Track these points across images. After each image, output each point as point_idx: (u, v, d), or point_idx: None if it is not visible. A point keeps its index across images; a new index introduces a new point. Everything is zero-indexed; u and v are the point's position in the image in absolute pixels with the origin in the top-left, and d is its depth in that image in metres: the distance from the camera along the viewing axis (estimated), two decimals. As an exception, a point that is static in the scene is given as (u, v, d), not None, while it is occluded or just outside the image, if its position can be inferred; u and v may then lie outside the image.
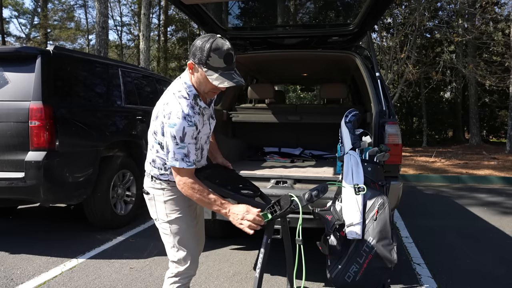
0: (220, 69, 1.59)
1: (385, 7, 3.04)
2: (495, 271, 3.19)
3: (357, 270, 2.29)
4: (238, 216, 1.66)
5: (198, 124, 1.70)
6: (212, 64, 1.58)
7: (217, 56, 1.57)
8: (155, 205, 1.85)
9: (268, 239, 1.73)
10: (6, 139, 3.42)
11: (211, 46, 1.57)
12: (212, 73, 1.60)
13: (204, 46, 1.58)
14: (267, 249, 1.71)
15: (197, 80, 1.68)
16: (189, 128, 1.63)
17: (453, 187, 7.29)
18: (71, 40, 23.60)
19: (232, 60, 1.62)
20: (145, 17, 11.37)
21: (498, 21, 13.58)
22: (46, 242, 3.73)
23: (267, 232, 1.76)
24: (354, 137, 2.68)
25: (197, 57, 1.60)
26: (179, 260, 1.83)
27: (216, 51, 1.57)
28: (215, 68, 1.59)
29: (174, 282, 1.83)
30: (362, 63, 3.29)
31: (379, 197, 2.36)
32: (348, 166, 2.42)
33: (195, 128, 1.67)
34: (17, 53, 3.62)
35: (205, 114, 1.77)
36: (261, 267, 1.72)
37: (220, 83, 1.60)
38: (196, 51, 1.60)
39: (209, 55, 1.57)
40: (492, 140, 19.73)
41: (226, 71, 1.60)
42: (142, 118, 4.77)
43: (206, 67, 1.60)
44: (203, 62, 1.59)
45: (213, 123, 1.88)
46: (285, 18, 9.89)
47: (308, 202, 1.80)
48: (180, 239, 1.82)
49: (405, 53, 11.16)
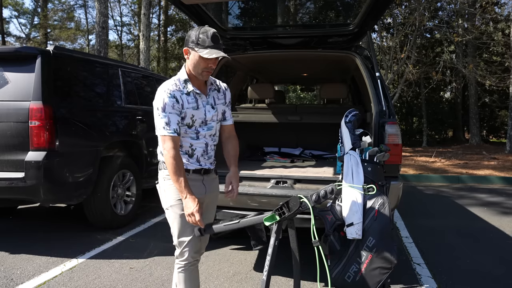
0: (209, 46, 1.88)
1: (385, 7, 3.04)
2: (495, 271, 3.19)
3: (357, 270, 2.29)
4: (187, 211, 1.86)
5: (184, 102, 1.95)
6: (202, 43, 1.88)
7: (205, 37, 1.88)
8: (160, 193, 2.09)
9: (275, 241, 1.74)
10: (6, 139, 3.42)
11: (199, 30, 1.91)
12: (203, 50, 1.88)
13: (195, 32, 1.92)
14: (275, 251, 1.72)
15: (191, 62, 1.95)
16: (168, 99, 1.90)
17: (453, 187, 7.29)
18: (71, 40, 23.60)
19: (218, 41, 1.91)
20: (145, 17, 11.37)
21: (498, 21, 13.56)
22: (46, 242, 3.73)
23: (274, 234, 1.76)
24: (354, 137, 2.68)
25: (190, 41, 1.91)
26: (178, 245, 2.03)
27: (204, 33, 1.89)
28: (205, 46, 1.88)
29: (177, 263, 2.05)
30: (362, 63, 3.29)
31: (379, 197, 2.36)
32: (348, 166, 2.43)
33: (175, 101, 1.92)
34: (17, 53, 3.62)
35: (198, 99, 2.00)
36: (268, 270, 1.73)
37: (209, 55, 1.87)
38: (189, 38, 1.92)
39: (199, 37, 1.89)
40: (492, 140, 19.73)
41: (214, 48, 1.88)
42: (142, 118, 4.77)
43: (198, 47, 1.89)
44: (194, 43, 1.89)
45: (213, 112, 2.07)
46: (285, 18, 9.89)
47: (316, 203, 1.81)
48: (178, 226, 2.00)
49: (405, 53, 11.15)
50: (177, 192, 1.95)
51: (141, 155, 4.74)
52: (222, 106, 2.13)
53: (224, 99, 2.15)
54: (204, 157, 2.06)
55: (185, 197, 1.86)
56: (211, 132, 2.08)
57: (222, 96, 2.14)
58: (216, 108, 2.09)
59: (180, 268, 2.03)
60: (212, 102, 2.08)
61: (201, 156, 2.04)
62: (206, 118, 2.04)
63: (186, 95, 1.97)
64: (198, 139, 2.03)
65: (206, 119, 2.04)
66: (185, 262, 2.02)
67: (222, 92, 2.15)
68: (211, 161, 2.11)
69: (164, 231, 4.18)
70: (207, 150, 2.07)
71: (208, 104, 2.05)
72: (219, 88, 2.14)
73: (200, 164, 2.04)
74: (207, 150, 2.07)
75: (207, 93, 2.06)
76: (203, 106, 2.03)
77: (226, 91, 2.18)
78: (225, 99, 2.16)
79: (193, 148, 2.03)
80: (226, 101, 2.16)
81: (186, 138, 2.01)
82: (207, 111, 2.04)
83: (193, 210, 1.83)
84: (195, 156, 2.03)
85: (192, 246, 2.01)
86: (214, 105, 2.08)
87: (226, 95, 2.16)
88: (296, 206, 1.75)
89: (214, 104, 2.08)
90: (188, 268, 2.03)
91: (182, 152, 2.01)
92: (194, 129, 2.01)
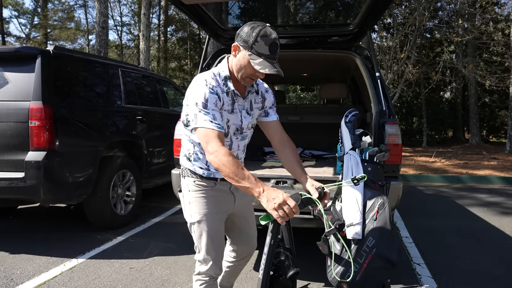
0: (264, 55, 1.61)
1: (385, 7, 3.03)
2: (495, 271, 3.19)
3: (357, 270, 2.29)
4: (276, 201, 1.47)
5: (224, 101, 1.70)
6: (257, 50, 1.60)
7: (264, 43, 1.59)
8: (183, 203, 1.86)
9: (271, 239, 1.68)
10: (6, 139, 3.42)
11: (259, 32, 1.60)
12: (256, 58, 1.61)
13: (253, 30, 1.61)
14: (271, 250, 1.67)
15: (237, 63, 1.69)
16: (210, 95, 1.64)
17: (453, 187, 7.29)
18: (71, 40, 23.61)
19: (276, 50, 1.63)
20: (145, 17, 11.37)
21: (498, 21, 13.56)
22: (46, 242, 3.73)
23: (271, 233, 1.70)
24: (354, 137, 2.68)
25: (244, 40, 1.62)
26: (200, 261, 1.84)
27: (264, 38, 1.59)
28: (260, 54, 1.61)
29: (197, 279, 1.86)
30: (362, 63, 3.29)
31: (379, 197, 2.36)
32: (348, 166, 2.42)
33: (218, 98, 1.66)
34: (17, 53, 3.62)
35: (235, 101, 1.76)
36: (265, 269, 1.67)
37: (262, 68, 1.61)
38: (243, 34, 1.63)
39: (256, 40, 1.59)
40: (492, 140, 19.73)
41: (269, 59, 1.62)
42: (142, 118, 4.77)
43: (251, 51, 1.61)
44: (249, 46, 1.61)
45: (249, 119, 1.82)
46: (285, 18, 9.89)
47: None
48: (202, 242, 1.81)
49: (405, 53, 11.15)
50: (204, 205, 1.77)
51: (141, 155, 4.74)
52: (258, 111, 1.89)
53: (261, 103, 1.88)
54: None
55: (263, 190, 1.50)
56: (245, 142, 1.87)
57: (260, 99, 1.88)
58: (252, 115, 1.84)
59: (203, 284, 1.84)
60: (248, 107, 1.83)
61: None
62: (242, 125, 1.80)
63: (225, 94, 1.72)
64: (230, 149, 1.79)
65: (242, 126, 1.81)
66: (208, 278, 1.84)
67: (261, 95, 1.88)
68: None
69: (164, 231, 4.19)
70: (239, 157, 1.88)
71: (244, 109, 1.81)
72: (258, 90, 1.88)
73: None
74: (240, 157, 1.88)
75: (245, 96, 1.80)
76: (239, 110, 1.78)
77: (267, 93, 1.90)
78: (264, 102, 1.89)
79: None
80: (266, 105, 1.90)
81: None
82: (243, 116, 1.79)
83: (283, 197, 1.48)
84: None
85: (217, 263, 1.84)
86: (250, 110, 1.84)
87: (266, 98, 1.89)
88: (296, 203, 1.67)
89: (250, 110, 1.84)
90: (212, 283, 1.86)
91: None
92: (229, 138, 1.78)
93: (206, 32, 3.57)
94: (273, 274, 1.74)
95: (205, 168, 1.79)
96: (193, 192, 1.79)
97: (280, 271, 1.77)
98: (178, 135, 3.17)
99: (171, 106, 5.94)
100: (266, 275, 1.63)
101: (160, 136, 5.13)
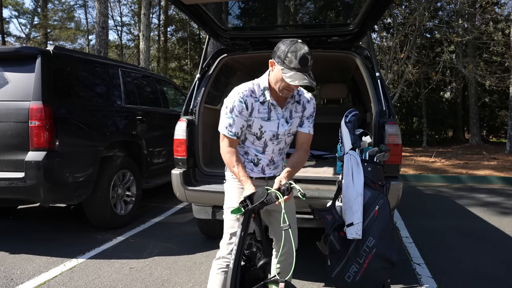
0: (295, 69, 1.77)
1: (385, 7, 3.03)
2: (495, 271, 3.19)
3: (357, 270, 2.29)
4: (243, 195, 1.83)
5: (254, 111, 1.92)
6: (288, 64, 1.78)
7: (293, 57, 1.77)
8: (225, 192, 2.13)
9: (242, 231, 1.82)
10: (6, 139, 3.42)
11: (289, 47, 1.79)
12: (287, 71, 1.79)
13: (284, 47, 1.81)
14: (241, 242, 1.81)
15: (274, 77, 1.89)
16: (238, 103, 1.90)
17: (453, 187, 7.29)
18: (71, 40, 23.59)
19: (307, 64, 1.79)
20: (145, 17, 11.37)
21: (498, 21, 13.55)
22: (46, 242, 3.73)
23: (241, 225, 1.85)
24: (354, 137, 2.67)
25: (278, 56, 1.82)
26: (226, 246, 2.00)
27: (293, 53, 1.78)
28: (291, 68, 1.78)
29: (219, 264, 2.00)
30: (362, 63, 3.29)
31: (379, 197, 2.36)
32: (348, 166, 2.42)
33: (245, 107, 1.90)
34: (17, 53, 3.62)
35: (272, 110, 1.96)
36: (235, 259, 1.80)
37: (292, 81, 1.78)
38: (277, 50, 1.84)
39: (287, 55, 1.78)
40: (492, 140, 19.72)
41: (300, 72, 1.78)
42: (142, 118, 4.77)
43: (283, 65, 1.79)
44: (281, 61, 1.80)
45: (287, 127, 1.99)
46: (285, 18, 9.89)
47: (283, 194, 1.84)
48: (224, 228, 2.03)
49: (405, 53, 11.15)
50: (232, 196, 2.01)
51: (141, 155, 4.74)
52: (297, 119, 2.05)
53: (302, 112, 2.05)
54: (270, 167, 2.06)
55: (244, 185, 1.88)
56: (280, 146, 2.03)
57: (301, 108, 2.04)
58: (291, 123, 2.01)
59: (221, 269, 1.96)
60: (288, 116, 2.00)
61: (267, 166, 2.05)
62: (278, 132, 1.98)
63: (260, 103, 1.93)
64: (264, 153, 2.01)
65: (278, 133, 1.98)
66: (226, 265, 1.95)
67: (302, 104, 2.04)
68: (278, 170, 2.08)
69: (164, 231, 4.19)
70: (274, 161, 2.05)
71: (283, 118, 1.98)
72: (300, 100, 2.04)
73: (264, 174, 2.05)
74: (274, 161, 2.05)
75: (284, 106, 1.98)
76: (277, 119, 1.97)
77: (308, 103, 2.05)
78: (304, 112, 2.05)
79: (259, 159, 2.03)
80: (304, 114, 2.06)
81: (251, 148, 2.01)
82: (280, 125, 1.98)
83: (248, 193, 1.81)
84: (260, 165, 2.04)
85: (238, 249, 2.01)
86: (289, 119, 2.00)
87: (306, 108, 2.05)
88: (259, 199, 1.77)
89: (289, 118, 2.00)
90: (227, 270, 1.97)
91: (247, 160, 2.03)
92: (263, 142, 1.99)
93: (206, 32, 3.57)
94: (244, 264, 1.88)
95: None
96: (228, 183, 2.09)
97: (251, 262, 1.91)
98: (178, 135, 3.18)
99: (171, 106, 5.94)
100: (236, 265, 1.76)
101: (160, 136, 5.13)
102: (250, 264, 1.92)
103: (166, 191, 5.69)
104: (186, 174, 3.15)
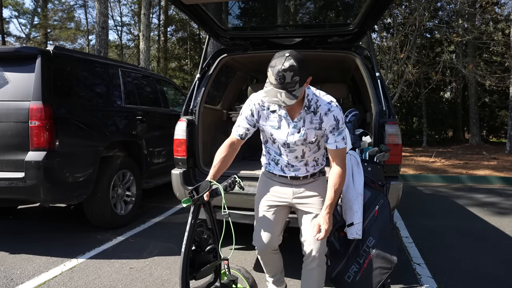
0: (272, 84, 1.74)
1: (385, 7, 3.03)
2: (495, 271, 3.20)
3: (357, 270, 2.29)
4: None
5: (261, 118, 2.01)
6: (269, 78, 1.76)
7: (271, 73, 1.73)
8: None
9: (192, 219, 1.95)
10: (6, 139, 3.42)
11: (272, 62, 1.74)
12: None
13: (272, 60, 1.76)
14: (191, 229, 1.94)
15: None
16: (246, 109, 2.04)
17: (453, 187, 7.29)
18: (71, 40, 23.58)
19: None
20: (145, 17, 11.37)
21: (498, 21, 13.56)
22: (46, 242, 3.73)
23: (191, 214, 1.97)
24: (354, 137, 2.68)
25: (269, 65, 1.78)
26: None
27: (272, 68, 1.73)
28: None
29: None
30: (362, 63, 3.29)
31: (379, 197, 2.36)
32: (349, 166, 2.42)
33: (251, 114, 2.02)
34: (17, 53, 3.62)
35: (283, 119, 1.95)
36: (185, 244, 1.92)
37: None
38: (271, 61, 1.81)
39: (268, 69, 1.76)
40: (492, 140, 19.73)
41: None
42: (142, 118, 4.77)
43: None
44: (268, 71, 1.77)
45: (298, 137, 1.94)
46: (285, 18, 9.88)
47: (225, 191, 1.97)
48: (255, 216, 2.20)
49: (405, 53, 11.15)
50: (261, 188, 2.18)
51: (141, 155, 4.74)
52: (314, 131, 1.92)
53: (319, 124, 1.91)
54: (289, 168, 2.08)
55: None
56: (295, 155, 2.01)
57: (317, 120, 1.91)
58: (304, 133, 1.93)
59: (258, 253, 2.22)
60: (301, 126, 1.93)
61: (285, 167, 2.08)
62: (288, 141, 1.97)
63: (271, 112, 1.98)
64: (281, 156, 2.07)
65: (287, 142, 1.97)
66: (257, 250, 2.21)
67: (319, 116, 1.90)
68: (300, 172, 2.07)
69: (164, 231, 4.19)
70: (292, 165, 2.06)
71: (295, 128, 1.93)
72: (317, 111, 1.90)
73: (284, 173, 2.09)
74: (292, 165, 2.06)
75: (296, 116, 1.93)
76: (287, 128, 1.95)
77: (326, 116, 1.89)
78: (321, 124, 1.91)
79: (277, 159, 2.08)
80: (323, 127, 1.92)
81: (271, 149, 2.09)
82: (290, 134, 1.95)
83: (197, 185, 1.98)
84: (280, 165, 2.09)
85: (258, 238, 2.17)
86: (302, 129, 1.93)
87: (323, 121, 1.90)
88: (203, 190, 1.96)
89: (302, 128, 1.93)
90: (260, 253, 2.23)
91: (270, 158, 2.12)
92: (277, 147, 2.05)
93: (206, 32, 3.57)
94: (195, 249, 2.02)
95: (265, 164, 2.19)
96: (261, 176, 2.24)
97: (201, 247, 2.05)
98: (178, 135, 3.18)
99: (171, 106, 5.94)
100: (187, 249, 1.92)
101: (160, 136, 5.13)
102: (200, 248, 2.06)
103: (166, 191, 5.69)
104: (186, 174, 3.15)
